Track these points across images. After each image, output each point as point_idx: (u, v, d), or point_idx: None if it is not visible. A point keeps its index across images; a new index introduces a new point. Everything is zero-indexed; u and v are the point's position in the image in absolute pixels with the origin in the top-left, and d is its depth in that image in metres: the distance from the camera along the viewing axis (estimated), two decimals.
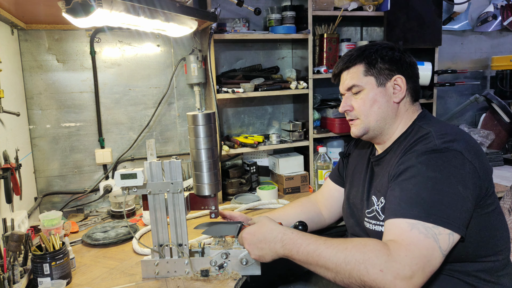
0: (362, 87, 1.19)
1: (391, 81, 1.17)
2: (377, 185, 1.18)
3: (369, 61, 1.18)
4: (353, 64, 1.21)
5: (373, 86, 1.18)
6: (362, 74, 1.19)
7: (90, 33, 1.88)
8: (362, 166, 1.33)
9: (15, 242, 1.16)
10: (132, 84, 1.99)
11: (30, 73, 1.82)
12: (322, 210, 1.49)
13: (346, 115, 1.26)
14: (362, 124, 1.21)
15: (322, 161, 1.95)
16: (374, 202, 1.16)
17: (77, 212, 1.90)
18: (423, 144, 1.03)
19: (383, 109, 1.18)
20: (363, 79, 1.19)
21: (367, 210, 1.18)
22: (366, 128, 1.20)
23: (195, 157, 1.22)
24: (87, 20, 1.18)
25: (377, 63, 1.18)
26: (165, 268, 1.23)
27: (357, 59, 1.20)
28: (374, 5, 2.11)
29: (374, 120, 1.19)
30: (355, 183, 1.33)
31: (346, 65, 1.23)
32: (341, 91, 1.27)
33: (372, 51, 1.19)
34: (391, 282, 0.84)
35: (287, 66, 2.27)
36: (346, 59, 1.23)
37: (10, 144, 1.52)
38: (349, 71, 1.22)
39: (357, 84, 1.19)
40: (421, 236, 0.89)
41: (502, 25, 2.66)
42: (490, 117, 2.59)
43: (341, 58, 1.26)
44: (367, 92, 1.18)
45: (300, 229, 1.13)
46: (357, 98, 1.20)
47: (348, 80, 1.21)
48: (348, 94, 1.24)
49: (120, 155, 2.00)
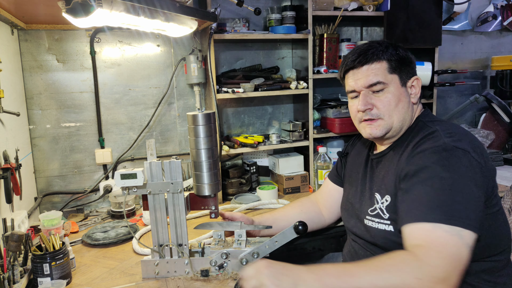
0: (388, 84, 1.13)
1: (410, 81, 1.16)
2: (379, 182, 1.17)
3: (394, 58, 1.14)
4: (378, 59, 1.14)
5: (397, 85, 1.14)
6: (387, 71, 1.13)
7: (90, 33, 1.88)
8: (361, 164, 1.32)
9: (15, 242, 1.16)
10: (132, 84, 1.99)
11: (30, 73, 1.82)
12: (322, 210, 1.49)
13: (360, 115, 1.18)
14: (385, 124, 1.15)
15: (322, 161, 1.94)
16: (378, 200, 1.14)
17: (77, 212, 1.90)
18: (433, 142, 1.02)
19: (405, 110, 1.15)
20: (388, 76, 1.13)
21: (370, 209, 1.17)
22: (388, 128, 1.15)
23: (195, 157, 1.22)
24: (87, 20, 1.18)
25: (401, 62, 1.14)
26: (165, 268, 1.23)
27: (382, 55, 1.14)
28: (374, 5, 2.11)
29: (398, 120, 1.14)
30: (354, 182, 1.32)
31: (369, 59, 1.14)
32: (356, 88, 1.17)
33: (394, 49, 1.15)
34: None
35: (287, 66, 2.27)
36: (369, 52, 1.14)
37: (10, 144, 1.52)
38: (372, 66, 1.14)
39: (383, 81, 1.13)
40: (447, 235, 0.88)
41: (502, 25, 2.66)
42: (490, 117, 2.59)
43: (358, 52, 1.16)
44: (393, 90, 1.13)
45: (300, 229, 1.13)
46: (380, 97, 1.14)
47: (372, 76, 1.13)
48: (365, 91, 1.15)
49: (120, 155, 2.00)
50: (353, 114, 1.22)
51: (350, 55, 1.18)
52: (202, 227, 1.29)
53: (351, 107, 1.23)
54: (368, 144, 1.34)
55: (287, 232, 1.15)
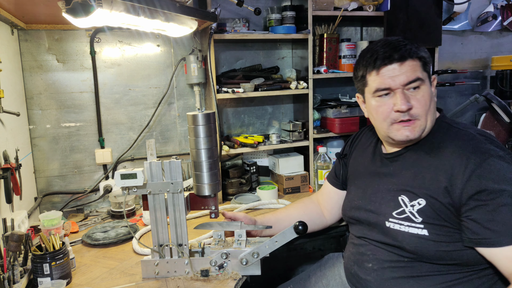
0: (424, 81, 1.08)
1: (431, 80, 1.15)
2: (405, 184, 1.13)
3: (426, 55, 1.11)
4: (416, 55, 1.08)
5: (428, 83, 1.11)
6: (421, 68, 1.09)
7: (90, 33, 1.88)
8: (368, 165, 1.29)
9: (15, 242, 1.16)
10: (132, 84, 1.99)
11: (30, 73, 1.82)
12: (323, 211, 1.49)
13: (398, 115, 1.09)
14: (421, 125, 1.09)
15: (322, 161, 1.94)
16: (405, 203, 1.10)
17: (77, 212, 1.90)
18: (492, 154, 1.01)
19: (434, 110, 1.12)
20: (423, 74, 1.09)
21: (395, 211, 1.12)
22: (423, 130, 1.10)
23: (195, 157, 1.22)
24: (87, 20, 1.18)
25: (429, 60, 1.11)
26: (165, 268, 1.23)
27: (417, 52, 1.09)
28: (374, 5, 2.11)
29: (430, 121, 1.10)
30: (362, 182, 1.29)
31: (410, 54, 1.07)
32: (393, 86, 1.08)
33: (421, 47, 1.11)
34: None
35: (287, 66, 2.27)
36: (409, 47, 1.08)
37: (10, 144, 1.52)
38: (411, 63, 1.07)
39: (422, 78, 1.07)
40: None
41: (502, 25, 2.66)
42: (490, 117, 2.59)
43: (391, 48, 1.08)
44: (427, 88, 1.09)
45: (300, 229, 1.13)
46: (416, 95, 1.08)
47: (411, 72, 1.07)
48: (401, 89, 1.08)
49: (120, 155, 2.00)
50: (382, 115, 1.13)
51: (382, 50, 1.09)
52: (202, 227, 1.29)
53: (379, 107, 1.13)
54: (373, 143, 1.32)
55: (287, 232, 1.15)
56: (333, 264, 1.46)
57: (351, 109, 2.14)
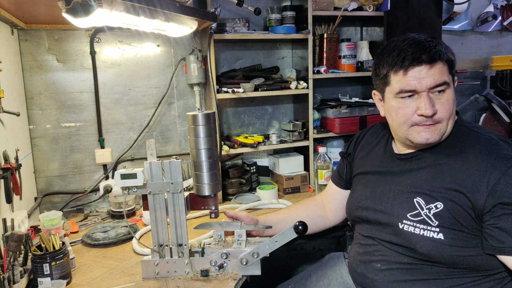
0: (450, 85, 1.06)
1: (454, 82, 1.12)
2: (421, 186, 1.11)
3: (453, 58, 1.08)
4: (444, 58, 1.05)
5: (452, 87, 1.09)
6: (448, 72, 1.06)
7: (90, 33, 1.88)
8: (380, 162, 1.26)
9: (15, 242, 1.16)
10: (132, 84, 1.99)
11: (30, 73, 1.82)
12: (327, 212, 1.48)
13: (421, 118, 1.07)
14: (442, 128, 1.08)
15: (322, 161, 1.94)
16: (422, 206, 1.08)
17: (77, 212, 1.90)
18: None
19: (454, 113, 1.11)
20: (449, 77, 1.06)
21: (410, 213, 1.10)
22: (443, 133, 1.08)
23: (195, 157, 1.22)
24: (87, 20, 1.18)
25: (455, 63, 1.09)
26: (165, 268, 1.23)
27: (446, 54, 1.05)
28: (374, 5, 2.11)
29: (451, 125, 1.09)
30: (370, 182, 1.27)
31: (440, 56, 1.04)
32: (418, 88, 1.05)
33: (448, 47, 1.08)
34: None
35: (287, 66, 2.27)
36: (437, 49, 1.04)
37: (10, 144, 1.52)
38: (440, 65, 1.04)
39: (448, 81, 1.05)
40: None
41: (502, 25, 2.66)
42: (490, 117, 2.59)
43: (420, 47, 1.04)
44: (452, 92, 1.07)
45: (300, 229, 1.13)
46: (441, 99, 1.06)
47: (439, 75, 1.03)
48: (426, 93, 1.05)
49: (120, 155, 2.00)
50: (403, 118, 1.10)
51: (410, 49, 1.04)
52: (202, 227, 1.29)
53: (401, 109, 1.10)
54: (383, 142, 1.30)
55: (287, 232, 1.15)
56: (334, 263, 1.46)
57: (351, 109, 2.14)
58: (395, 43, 1.11)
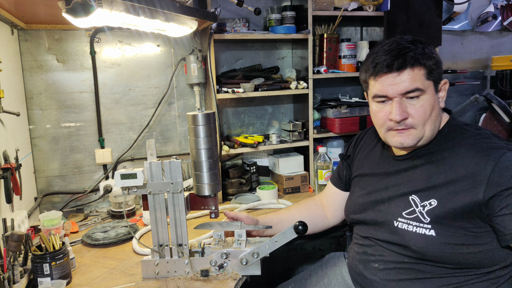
0: (425, 91, 1.06)
1: (440, 85, 1.11)
2: (417, 184, 1.12)
3: (432, 63, 1.07)
4: (418, 64, 1.05)
5: (432, 91, 1.08)
6: (425, 77, 1.06)
7: (90, 33, 1.88)
8: (377, 164, 1.27)
9: (15, 242, 1.16)
10: (132, 84, 1.99)
11: (30, 73, 1.82)
12: (326, 213, 1.49)
13: (391, 124, 1.10)
14: (417, 133, 1.09)
15: (322, 161, 1.94)
16: (416, 203, 1.10)
17: (77, 212, 1.90)
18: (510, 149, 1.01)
19: (437, 117, 1.10)
20: (425, 83, 1.06)
21: (405, 211, 1.11)
22: (420, 138, 1.10)
23: (195, 157, 1.22)
24: (87, 20, 1.18)
25: (437, 66, 1.08)
26: (165, 268, 1.23)
27: (420, 59, 1.05)
28: (374, 5, 2.11)
29: (430, 129, 1.09)
30: (368, 184, 1.28)
31: (410, 63, 1.04)
32: (389, 94, 1.08)
33: (428, 51, 1.07)
34: None
35: (287, 66, 2.27)
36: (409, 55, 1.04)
37: (10, 144, 1.52)
38: (412, 71, 1.05)
39: (421, 88, 1.05)
40: None
41: (502, 25, 2.66)
42: (490, 117, 2.59)
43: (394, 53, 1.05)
44: (428, 98, 1.07)
45: (300, 229, 1.13)
46: (415, 105, 1.06)
47: (410, 82, 1.05)
48: (398, 98, 1.07)
49: (120, 155, 2.00)
50: (380, 121, 1.14)
51: (383, 56, 1.07)
52: (202, 227, 1.29)
53: (378, 112, 1.14)
54: (379, 144, 1.31)
55: (287, 232, 1.15)
56: (334, 263, 1.46)
57: (351, 109, 2.14)
58: (374, 49, 1.13)
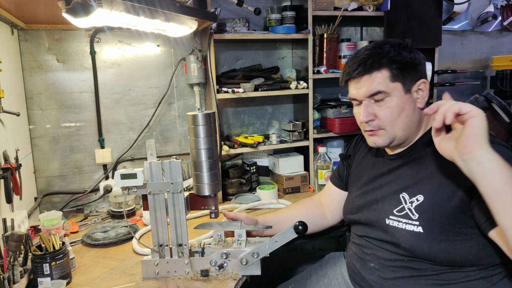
0: (389, 94, 1.09)
1: (415, 86, 1.12)
2: (407, 182, 1.13)
3: (396, 65, 1.09)
4: (378, 68, 1.10)
5: (400, 93, 1.10)
6: (389, 80, 1.09)
7: (90, 33, 1.88)
8: (373, 165, 1.29)
9: (15, 242, 1.16)
10: (132, 84, 1.99)
11: (30, 73, 1.82)
12: (325, 212, 1.49)
13: (365, 125, 1.16)
14: (387, 134, 1.13)
15: (322, 161, 1.94)
16: (406, 200, 1.11)
17: (77, 212, 1.90)
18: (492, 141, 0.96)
19: (410, 117, 1.12)
20: (390, 85, 1.09)
21: (396, 209, 1.13)
22: (392, 138, 1.14)
23: (195, 157, 1.22)
24: (87, 20, 1.18)
25: (404, 67, 1.10)
26: (165, 268, 1.23)
27: (382, 63, 1.09)
28: (374, 5, 2.11)
29: (401, 129, 1.12)
30: (365, 183, 1.29)
31: (369, 69, 1.10)
32: (358, 97, 1.14)
33: (396, 53, 1.10)
34: None
35: (287, 66, 2.27)
36: (368, 62, 1.10)
37: (10, 144, 1.52)
38: (372, 76, 1.10)
39: (384, 91, 1.09)
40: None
41: (502, 25, 2.66)
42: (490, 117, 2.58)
43: (357, 60, 1.12)
44: (394, 99, 1.10)
45: (300, 229, 1.13)
46: (382, 106, 1.11)
47: (373, 85, 1.10)
48: (367, 101, 1.13)
49: (120, 155, 2.00)
50: (358, 122, 1.21)
51: (350, 63, 1.15)
52: (202, 227, 1.29)
53: (356, 114, 1.21)
54: None
55: (287, 232, 1.15)
56: (334, 263, 1.46)
57: (351, 109, 2.13)
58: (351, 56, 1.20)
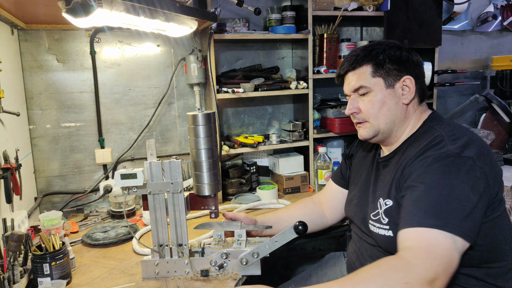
0: (370, 88, 1.15)
1: (399, 82, 1.15)
2: (383, 187, 1.16)
3: (377, 61, 1.15)
4: (360, 64, 1.17)
5: (381, 87, 1.15)
6: (370, 75, 1.16)
7: (90, 33, 1.88)
8: (367, 168, 1.31)
9: (15, 242, 1.16)
10: (132, 84, 1.99)
11: (30, 73, 1.82)
12: (325, 211, 1.49)
13: (352, 117, 1.23)
14: (371, 127, 1.18)
15: (322, 161, 1.94)
16: (381, 205, 1.13)
17: (77, 212, 1.90)
18: (435, 150, 1.01)
19: (392, 111, 1.15)
20: (371, 80, 1.15)
21: (373, 213, 1.16)
22: (376, 131, 1.18)
23: (195, 157, 1.22)
24: (87, 20, 1.18)
25: (385, 63, 1.14)
26: (165, 268, 1.23)
27: (364, 60, 1.16)
28: (374, 5, 2.11)
29: (384, 122, 1.16)
30: (359, 185, 1.31)
31: (352, 65, 1.18)
32: (346, 93, 1.23)
33: (379, 51, 1.16)
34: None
35: (287, 66, 2.27)
36: (352, 59, 1.19)
37: (10, 144, 1.52)
38: (355, 72, 1.18)
39: (365, 85, 1.16)
40: (441, 237, 0.87)
41: (502, 25, 2.66)
42: (490, 117, 2.59)
43: (345, 58, 1.22)
44: (376, 93, 1.15)
45: (300, 229, 1.13)
46: (365, 100, 1.17)
47: (355, 81, 1.18)
48: (354, 95, 1.20)
49: (120, 155, 2.00)
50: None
51: (342, 62, 1.24)
52: (202, 227, 1.29)
53: None
54: (374, 147, 1.33)
55: (287, 232, 1.15)
56: (334, 263, 1.46)
57: None
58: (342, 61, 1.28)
